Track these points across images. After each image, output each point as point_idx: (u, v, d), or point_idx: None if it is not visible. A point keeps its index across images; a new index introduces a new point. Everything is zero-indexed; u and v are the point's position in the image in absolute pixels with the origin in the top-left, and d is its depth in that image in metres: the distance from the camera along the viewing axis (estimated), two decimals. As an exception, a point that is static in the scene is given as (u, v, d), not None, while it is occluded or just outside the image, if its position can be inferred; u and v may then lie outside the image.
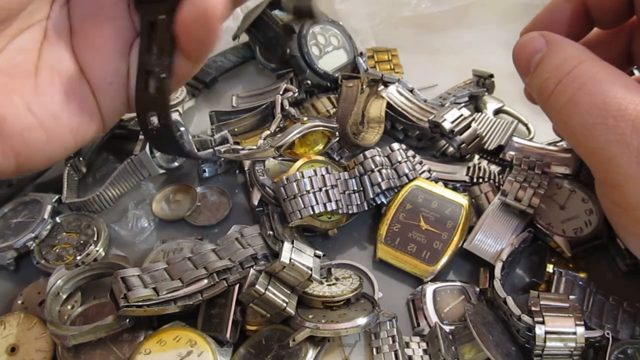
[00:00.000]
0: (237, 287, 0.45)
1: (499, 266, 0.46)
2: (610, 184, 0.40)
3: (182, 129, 0.55)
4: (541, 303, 0.42)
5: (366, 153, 0.52)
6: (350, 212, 0.51)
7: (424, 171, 0.54)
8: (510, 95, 0.63)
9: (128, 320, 0.43)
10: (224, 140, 0.56)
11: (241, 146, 0.57)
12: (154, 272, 0.44)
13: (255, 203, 0.52)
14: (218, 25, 0.36)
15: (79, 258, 0.50)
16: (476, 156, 0.58)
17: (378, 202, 0.52)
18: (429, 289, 0.48)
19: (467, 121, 0.55)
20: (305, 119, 0.54)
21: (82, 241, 0.52)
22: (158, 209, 0.56)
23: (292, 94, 0.62)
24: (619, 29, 0.47)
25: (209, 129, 0.61)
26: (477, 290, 0.48)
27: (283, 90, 0.62)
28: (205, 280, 0.44)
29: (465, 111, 0.56)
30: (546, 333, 0.40)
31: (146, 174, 0.55)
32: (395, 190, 0.52)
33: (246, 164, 0.57)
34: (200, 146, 0.56)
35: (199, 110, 0.67)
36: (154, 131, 0.40)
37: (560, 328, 0.40)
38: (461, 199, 0.51)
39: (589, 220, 0.49)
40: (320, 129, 0.54)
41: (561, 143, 0.56)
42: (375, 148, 0.53)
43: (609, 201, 0.41)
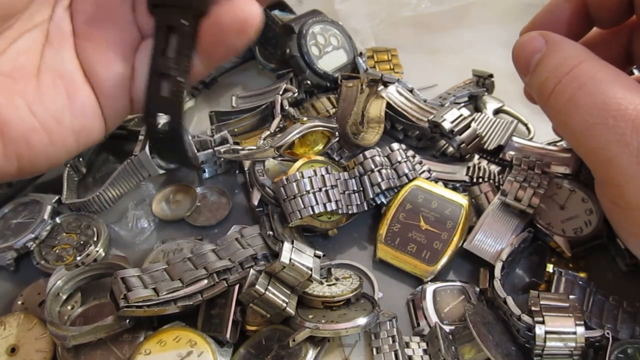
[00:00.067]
0: (237, 288, 0.45)
1: (499, 266, 0.46)
2: (610, 184, 0.40)
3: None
4: (541, 303, 0.42)
5: (366, 153, 0.52)
6: (350, 212, 0.51)
7: (423, 171, 0.54)
8: (510, 95, 0.63)
9: (128, 320, 0.43)
10: (224, 140, 0.56)
11: (241, 146, 0.57)
12: (154, 273, 0.44)
13: (255, 203, 0.52)
14: (254, 34, 0.37)
15: (79, 258, 0.50)
16: (476, 156, 0.58)
17: (378, 202, 0.52)
18: (429, 289, 0.47)
19: (467, 121, 0.55)
20: (305, 119, 0.54)
21: (82, 242, 0.52)
22: (158, 210, 0.56)
23: (292, 94, 0.61)
24: (618, 29, 0.47)
25: (208, 129, 0.61)
26: (477, 290, 0.48)
27: (283, 90, 0.62)
28: (205, 281, 0.44)
29: (465, 111, 0.56)
30: (546, 333, 0.40)
31: (146, 174, 0.55)
32: (395, 190, 0.52)
33: (246, 164, 0.57)
34: (200, 146, 0.56)
35: (198, 110, 0.67)
36: (161, 134, 0.40)
37: (560, 328, 0.40)
38: (461, 199, 0.51)
39: (589, 220, 0.49)
40: (320, 129, 0.54)
41: (561, 143, 0.56)
42: (375, 148, 0.53)
43: (609, 201, 0.41)
